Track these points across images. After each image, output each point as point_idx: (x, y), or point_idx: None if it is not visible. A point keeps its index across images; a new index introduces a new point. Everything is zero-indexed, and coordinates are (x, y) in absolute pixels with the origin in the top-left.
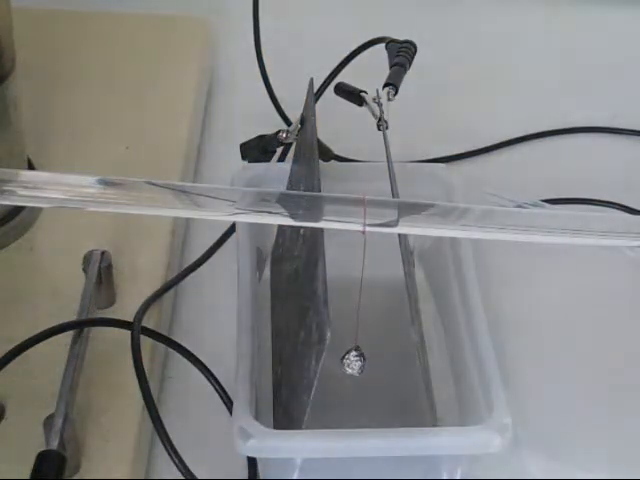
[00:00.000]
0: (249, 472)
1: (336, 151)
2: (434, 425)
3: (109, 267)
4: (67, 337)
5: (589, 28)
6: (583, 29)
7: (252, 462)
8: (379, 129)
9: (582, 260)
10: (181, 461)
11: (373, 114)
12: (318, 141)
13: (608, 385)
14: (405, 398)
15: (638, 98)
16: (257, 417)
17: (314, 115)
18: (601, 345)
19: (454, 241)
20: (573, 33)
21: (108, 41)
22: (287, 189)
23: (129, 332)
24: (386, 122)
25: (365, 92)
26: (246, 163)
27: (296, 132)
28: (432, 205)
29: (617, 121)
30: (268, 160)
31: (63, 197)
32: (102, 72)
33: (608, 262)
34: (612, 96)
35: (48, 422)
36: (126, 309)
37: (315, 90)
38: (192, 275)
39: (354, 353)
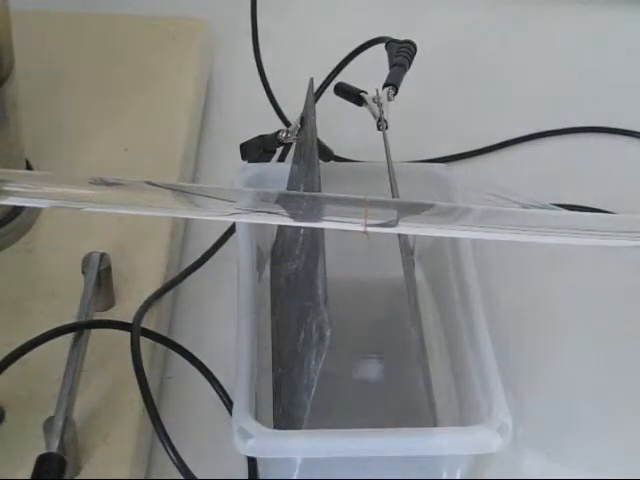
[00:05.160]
0: (249, 472)
1: (336, 151)
2: (434, 425)
3: (108, 269)
4: (67, 339)
5: (589, 28)
6: (583, 29)
7: (252, 462)
8: (379, 129)
9: (582, 260)
10: (181, 461)
11: (373, 114)
12: (318, 141)
13: (608, 384)
14: (405, 398)
15: (638, 98)
16: (257, 417)
17: (314, 115)
18: (601, 345)
19: (454, 241)
20: (573, 33)
21: (107, 43)
22: (287, 189)
23: (129, 333)
24: (386, 122)
25: (365, 92)
26: (246, 163)
27: (296, 132)
28: (432, 205)
29: (617, 121)
30: (268, 160)
31: (62, 197)
32: (101, 74)
33: (608, 262)
34: (612, 96)
35: (48, 424)
36: (125, 311)
37: (315, 90)
38: (192, 275)
39: None
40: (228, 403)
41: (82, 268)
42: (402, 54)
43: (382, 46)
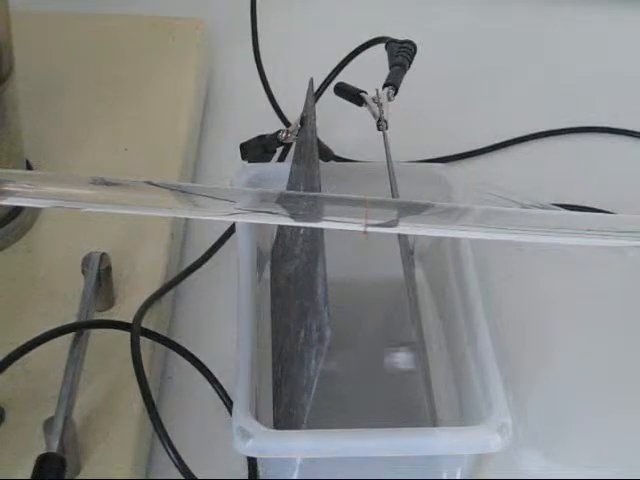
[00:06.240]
0: (249, 472)
1: (336, 151)
2: (434, 425)
3: (108, 269)
4: (67, 339)
5: (589, 28)
6: (584, 29)
7: (252, 462)
8: (379, 129)
9: (582, 260)
10: (181, 461)
11: (373, 114)
12: (318, 141)
13: (609, 384)
14: (405, 398)
15: (638, 98)
16: (257, 417)
17: (314, 115)
18: (601, 345)
19: (454, 241)
20: (573, 33)
21: (107, 43)
22: (287, 189)
23: (129, 333)
24: (386, 122)
25: (365, 92)
26: (246, 163)
27: (296, 132)
28: (432, 205)
29: (617, 121)
30: (268, 160)
31: (62, 197)
32: (101, 74)
33: (608, 262)
34: (612, 96)
35: (48, 424)
36: (125, 311)
37: (315, 90)
38: (192, 275)
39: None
40: (228, 403)
41: (82, 268)
42: (402, 54)
43: (382, 46)
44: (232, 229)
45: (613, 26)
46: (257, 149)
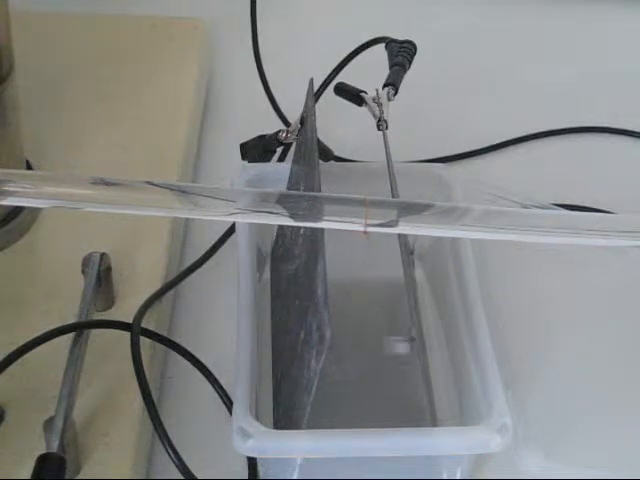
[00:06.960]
0: (249, 472)
1: (336, 151)
2: (434, 425)
3: (108, 269)
4: (67, 339)
5: (589, 28)
6: (583, 29)
7: (252, 462)
8: (379, 129)
9: (582, 260)
10: (181, 461)
11: (373, 114)
12: (318, 141)
13: (609, 384)
14: (405, 398)
15: (638, 98)
16: (257, 417)
17: (314, 115)
18: (601, 344)
19: (454, 241)
20: (573, 32)
21: (107, 43)
22: (287, 189)
23: (129, 333)
24: (386, 122)
25: (365, 92)
26: (246, 163)
27: (296, 132)
28: (432, 205)
29: (617, 121)
30: (268, 160)
31: (62, 197)
32: (100, 74)
33: (608, 262)
34: (612, 96)
35: (48, 424)
36: (126, 311)
37: (315, 90)
38: (192, 275)
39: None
40: (228, 403)
41: (82, 268)
42: (402, 54)
43: (382, 46)
44: (232, 229)
45: (613, 26)
46: (257, 149)
